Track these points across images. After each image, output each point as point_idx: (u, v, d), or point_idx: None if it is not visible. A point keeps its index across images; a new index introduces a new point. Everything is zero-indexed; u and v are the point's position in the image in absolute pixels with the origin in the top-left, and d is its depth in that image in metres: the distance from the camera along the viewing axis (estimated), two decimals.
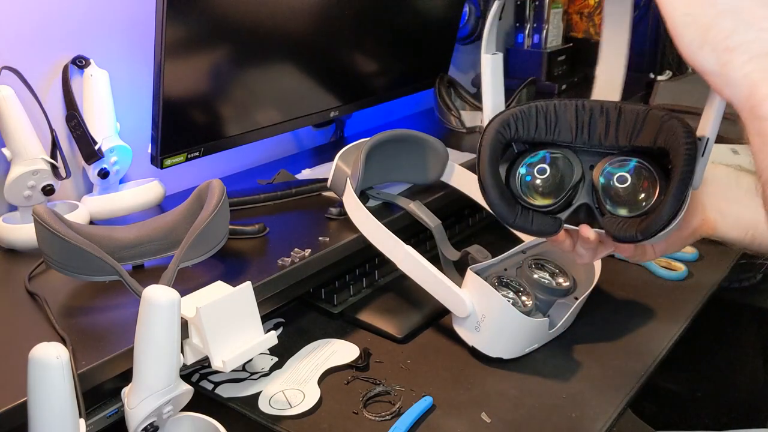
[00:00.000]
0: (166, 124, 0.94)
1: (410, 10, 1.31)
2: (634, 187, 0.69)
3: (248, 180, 1.18)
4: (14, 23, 0.92)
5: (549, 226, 0.71)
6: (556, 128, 0.71)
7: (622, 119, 0.69)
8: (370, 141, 0.97)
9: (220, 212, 0.82)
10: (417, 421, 0.73)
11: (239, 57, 1.01)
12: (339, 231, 0.96)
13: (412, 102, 1.59)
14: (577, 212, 0.71)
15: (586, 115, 0.71)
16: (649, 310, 0.94)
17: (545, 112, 0.71)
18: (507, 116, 0.72)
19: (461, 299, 0.81)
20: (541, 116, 0.71)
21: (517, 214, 0.71)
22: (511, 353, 0.82)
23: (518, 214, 0.71)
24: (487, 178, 0.70)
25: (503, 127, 0.71)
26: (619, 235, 0.67)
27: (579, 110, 0.71)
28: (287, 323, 0.93)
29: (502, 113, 0.72)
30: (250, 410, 0.77)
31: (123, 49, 1.04)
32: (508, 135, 0.72)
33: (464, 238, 1.14)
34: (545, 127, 0.71)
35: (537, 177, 0.72)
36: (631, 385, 0.79)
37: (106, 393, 0.72)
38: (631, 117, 0.69)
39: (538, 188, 0.72)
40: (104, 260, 0.75)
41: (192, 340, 0.72)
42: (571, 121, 0.71)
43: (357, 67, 1.26)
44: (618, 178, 0.69)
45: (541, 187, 0.72)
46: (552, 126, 0.71)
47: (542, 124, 0.71)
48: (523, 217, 0.70)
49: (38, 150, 0.90)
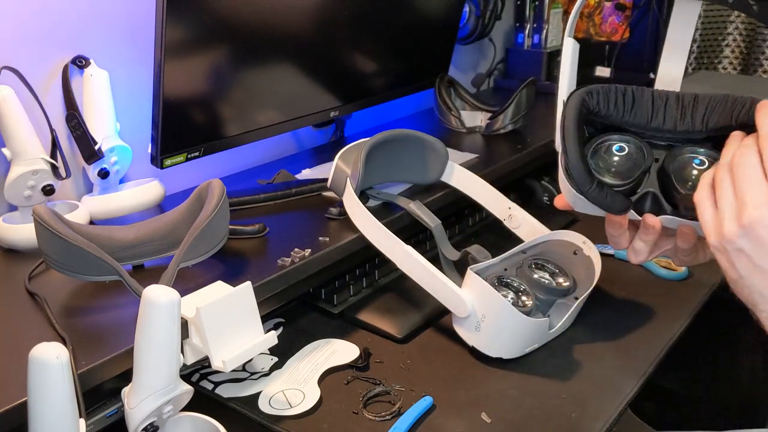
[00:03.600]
0: (166, 124, 0.94)
1: (410, 10, 1.31)
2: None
3: (248, 180, 1.18)
4: (14, 23, 0.92)
5: (621, 203, 0.71)
6: (633, 109, 0.72)
7: (698, 105, 0.70)
8: (370, 141, 0.97)
9: (220, 212, 0.82)
10: (417, 421, 0.73)
11: (239, 57, 1.01)
12: (339, 231, 0.96)
13: (412, 102, 1.59)
14: (643, 200, 0.72)
15: (662, 101, 0.72)
16: (649, 310, 0.94)
17: (624, 93, 0.73)
18: (590, 88, 0.73)
19: (461, 299, 0.81)
20: (620, 95, 0.73)
21: (594, 183, 0.70)
22: (511, 353, 0.82)
23: (594, 184, 0.70)
24: (570, 140, 0.70)
25: (588, 95, 0.72)
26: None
27: (655, 96, 0.72)
28: (287, 323, 0.93)
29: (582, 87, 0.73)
30: (250, 410, 0.77)
31: (123, 49, 1.04)
32: (592, 104, 0.72)
33: (464, 238, 1.14)
34: (623, 106, 0.73)
35: (613, 155, 0.72)
36: (631, 385, 0.79)
37: (106, 393, 0.72)
38: (708, 100, 0.70)
39: (611, 167, 0.72)
40: (104, 260, 0.75)
41: (192, 340, 0.72)
42: (648, 105, 0.72)
43: (357, 67, 1.26)
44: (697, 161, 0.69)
45: (614, 167, 0.72)
46: (629, 106, 0.72)
47: (620, 102, 0.72)
48: (598, 188, 0.70)
49: (38, 150, 0.90)
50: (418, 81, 1.43)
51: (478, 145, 1.33)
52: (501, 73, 1.82)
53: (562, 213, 0.87)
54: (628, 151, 0.72)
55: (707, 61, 1.91)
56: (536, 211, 1.02)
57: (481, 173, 1.06)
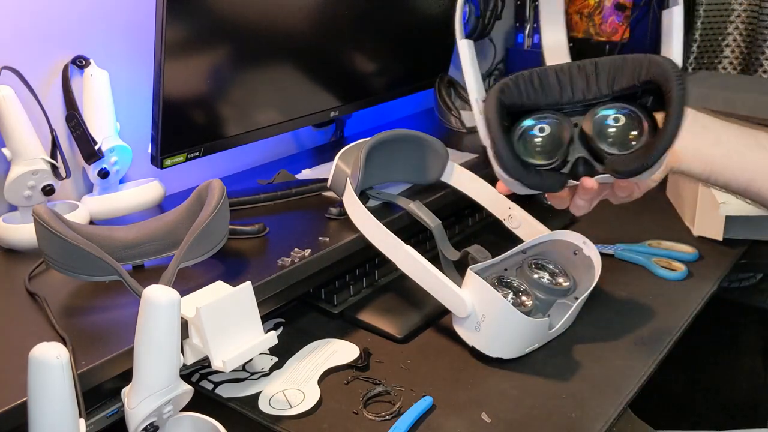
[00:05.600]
0: (166, 124, 0.94)
1: (410, 10, 1.31)
2: (625, 125, 0.75)
3: (248, 180, 1.18)
4: (14, 23, 0.92)
5: (557, 182, 0.76)
6: (543, 91, 0.78)
7: (600, 70, 0.76)
8: (370, 141, 0.97)
9: (220, 212, 0.82)
10: (417, 421, 0.73)
11: (239, 57, 1.01)
12: (339, 231, 0.96)
13: (412, 102, 1.59)
14: (575, 167, 0.77)
15: (565, 75, 0.77)
16: (649, 310, 0.94)
17: (530, 78, 0.78)
18: (501, 85, 0.77)
19: (461, 299, 0.81)
20: (528, 82, 0.78)
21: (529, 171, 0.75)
22: (511, 353, 0.82)
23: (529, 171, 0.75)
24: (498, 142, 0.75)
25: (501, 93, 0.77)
26: (626, 170, 0.72)
27: (559, 72, 0.78)
28: (287, 323, 0.93)
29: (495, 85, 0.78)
30: (250, 410, 0.77)
31: (123, 49, 1.04)
32: (507, 100, 0.77)
33: (464, 238, 1.14)
34: (533, 91, 0.78)
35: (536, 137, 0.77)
36: (631, 385, 0.79)
37: (106, 393, 0.72)
38: (608, 65, 0.76)
39: (536, 149, 0.77)
40: (104, 260, 0.75)
41: (192, 340, 0.72)
42: (554, 83, 0.77)
43: (357, 67, 1.26)
44: (612, 119, 0.76)
45: (539, 147, 0.77)
46: (539, 89, 0.78)
47: (530, 88, 0.78)
48: (533, 175, 0.75)
49: (38, 150, 0.90)
50: (418, 81, 1.43)
51: (478, 145, 1.32)
52: (501, 73, 1.82)
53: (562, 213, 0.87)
54: (548, 128, 0.77)
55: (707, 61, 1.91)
56: (536, 211, 1.02)
57: (481, 173, 1.06)
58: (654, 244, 1.09)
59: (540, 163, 0.76)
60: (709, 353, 1.34)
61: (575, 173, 0.76)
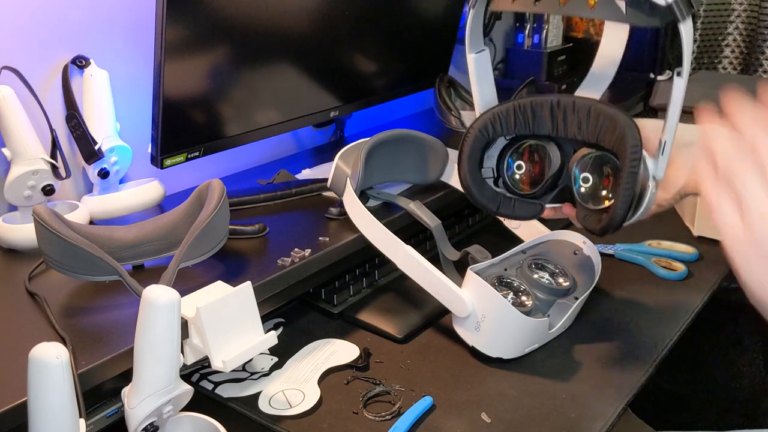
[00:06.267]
0: (166, 124, 0.94)
1: (410, 10, 1.31)
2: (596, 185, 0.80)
3: (248, 180, 1.18)
4: (14, 23, 0.92)
5: (529, 212, 0.82)
6: (534, 123, 0.80)
7: (591, 118, 0.78)
8: (370, 141, 0.97)
9: (220, 212, 0.82)
10: (417, 421, 0.73)
11: (239, 57, 1.01)
12: (339, 231, 0.96)
13: (412, 102, 1.59)
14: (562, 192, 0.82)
15: (560, 113, 0.79)
16: (649, 310, 0.94)
17: (523, 111, 0.80)
18: (486, 119, 0.81)
19: (461, 299, 0.81)
20: (520, 114, 0.80)
21: (499, 203, 0.82)
22: (511, 353, 0.82)
23: (500, 204, 0.82)
24: (466, 177, 0.81)
25: (483, 129, 0.81)
26: (587, 228, 0.78)
27: (554, 107, 0.79)
28: (287, 323, 0.93)
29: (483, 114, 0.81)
30: (250, 410, 0.77)
31: (123, 49, 1.04)
32: (488, 136, 0.81)
33: (464, 238, 1.14)
34: (524, 123, 0.80)
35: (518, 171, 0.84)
36: (631, 385, 0.79)
37: (106, 393, 0.72)
38: (598, 118, 0.77)
39: (522, 178, 0.84)
40: (104, 260, 0.75)
41: (192, 340, 0.72)
42: (547, 118, 0.80)
43: (357, 67, 1.26)
44: (582, 178, 0.80)
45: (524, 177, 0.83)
46: (530, 122, 0.80)
47: (521, 120, 0.80)
48: (505, 205, 0.82)
49: (38, 150, 0.90)
50: (418, 81, 1.43)
51: None
52: (501, 73, 1.82)
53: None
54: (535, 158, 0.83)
55: (707, 61, 1.91)
56: None
57: None
58: (654, 244, 1.09)
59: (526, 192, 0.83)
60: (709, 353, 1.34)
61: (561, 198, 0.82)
